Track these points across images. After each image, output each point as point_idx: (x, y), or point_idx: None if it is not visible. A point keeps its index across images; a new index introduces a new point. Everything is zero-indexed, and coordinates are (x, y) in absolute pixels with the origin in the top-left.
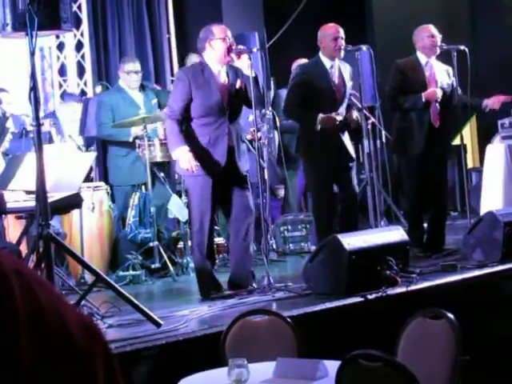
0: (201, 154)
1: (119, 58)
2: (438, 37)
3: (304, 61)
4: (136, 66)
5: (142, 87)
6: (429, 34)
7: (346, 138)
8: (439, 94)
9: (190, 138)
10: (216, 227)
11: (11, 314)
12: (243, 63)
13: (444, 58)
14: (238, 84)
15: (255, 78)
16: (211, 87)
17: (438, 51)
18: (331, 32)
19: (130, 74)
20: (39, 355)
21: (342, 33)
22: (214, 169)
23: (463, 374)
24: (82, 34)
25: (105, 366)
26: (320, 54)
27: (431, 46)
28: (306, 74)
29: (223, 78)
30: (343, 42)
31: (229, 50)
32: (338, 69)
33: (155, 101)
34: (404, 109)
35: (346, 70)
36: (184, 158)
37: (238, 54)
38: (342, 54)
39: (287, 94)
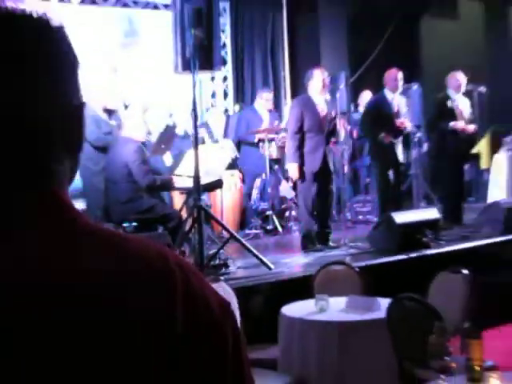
0: (306, 156)
1: (251, 87)
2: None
3: (367, 92)
4: (271, 95)
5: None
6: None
7: (398, 147)
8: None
9: (302, 144)
10: None
11: (174, 298)
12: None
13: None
14: (333, 112)
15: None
16: (314, 112)
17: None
18: (393, 76)
19: (267, 101)
20: (191, 328)
21: (400, 75)
22: (314, 165)
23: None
24: (227, 70)
25: (233, 334)
26: (385, 90)
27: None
28: (375, 103)
29: (321, 106)
30: (401, 82)
31: (324, 87)
32: (397, 100)
33: (276, 122)
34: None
35: (403, 100)
36: (293, 171)
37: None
38: (400, 90)
39: (362, 116)
